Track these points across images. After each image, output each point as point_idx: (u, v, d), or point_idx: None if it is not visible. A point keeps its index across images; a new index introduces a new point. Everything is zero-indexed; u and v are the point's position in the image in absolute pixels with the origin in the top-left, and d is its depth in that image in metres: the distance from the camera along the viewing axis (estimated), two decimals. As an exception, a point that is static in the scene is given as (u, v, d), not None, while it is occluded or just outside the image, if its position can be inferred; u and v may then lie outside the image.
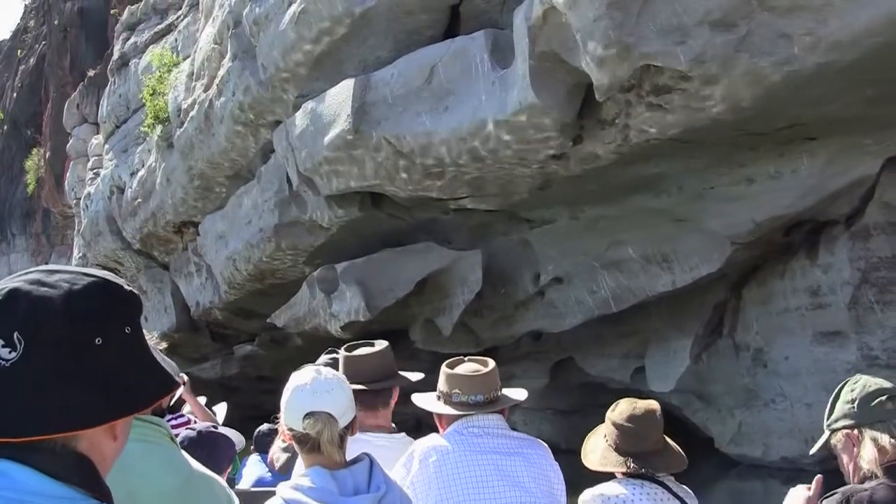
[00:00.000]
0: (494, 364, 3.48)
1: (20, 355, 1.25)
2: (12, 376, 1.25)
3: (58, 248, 34.94)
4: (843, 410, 2.85)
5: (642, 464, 3.27)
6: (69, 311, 1.29)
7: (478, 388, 3.37)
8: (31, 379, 1.25)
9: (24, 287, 1.28)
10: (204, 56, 12.48)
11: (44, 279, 1.31)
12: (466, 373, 3.44)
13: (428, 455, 3.33)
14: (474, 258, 10.03)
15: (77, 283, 1.31)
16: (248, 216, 12.07)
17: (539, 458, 3.41)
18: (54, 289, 1.30)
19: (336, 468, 2.63)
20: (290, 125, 9.95)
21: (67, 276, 1.33)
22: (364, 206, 10.19)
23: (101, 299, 1.33)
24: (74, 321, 1.29)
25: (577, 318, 10.01)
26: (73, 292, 1.30)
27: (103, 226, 18.32)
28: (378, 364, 3.84)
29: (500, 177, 8.56)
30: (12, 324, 1.27)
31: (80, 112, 23.09)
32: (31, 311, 1.27)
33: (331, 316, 10.81)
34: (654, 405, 3.39)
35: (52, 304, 1.28)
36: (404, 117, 8.44)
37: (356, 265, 10.35)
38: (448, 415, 3.44)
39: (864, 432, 2.79)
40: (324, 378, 2.72)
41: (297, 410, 2.67)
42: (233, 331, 17.31)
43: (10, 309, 1.27)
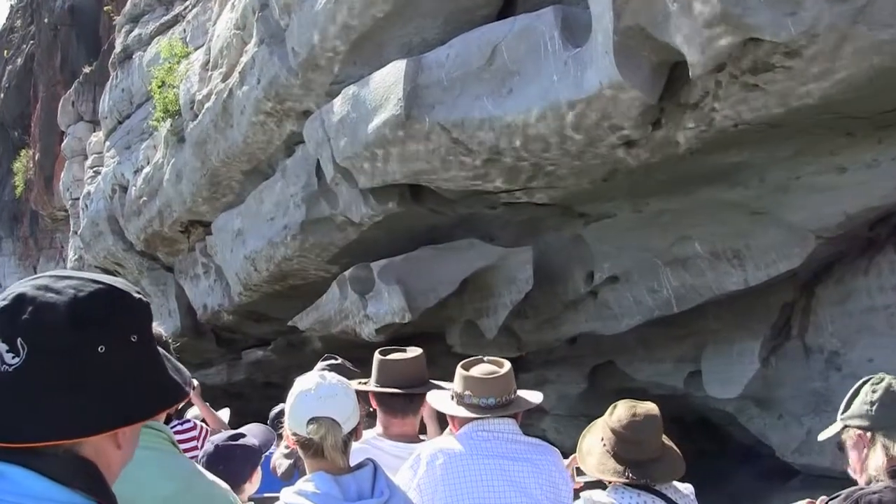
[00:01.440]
0: (510, 366, 3.49)
1: (23, 361, 1.28)
2: (15, 381, 1.27)
3: (46, 252, 34.08)
4: (861, 410, 2.80)
5: (640, 474, 3.21)
6: (72, 317, 1.30)
7: (490, 391, 3.38)
8: (33, 385, 1.27)
9: (30, 292, 1.32)
10: (223, 43, 11.76)
11: (51, 284, 1.34)
12: (480, 375, 3.44)
13: (435, 457, 3.33)
14: (524, 255, 9.35)
15: (83, 289, 1.34)
16: (271, 213, 11.36)
17: (548, 465, 3.40)
18: (60, 295, 1.32)
19: (340, 473, 2.64)
20: (327, 113, 9.25)
21: (75, 282, 1.35)
22: (404, 200, 9.50)
23: (106, 307, 1.34)
24: (77, 328, 1.30)
25: (635, 320, 9.35)
26: (77, 299, 1.32)
27: (104, 226, 17.55)
28: (412, 370, 3.90)
29: (563, 166, 7.89)
30: (16, 329, 1.29)
31: (76, 110, 22.33)
32: (35, 316, 1.29)
33: (365, 318, 10.11)
34: (655, 409, 3.34)
35: (55, 311, 1.30)
36: (461, 101, 7.75)
37: (395, 263, 9.65)
38: (460, 417, 3.45)
39: (876, 437, 2.76)
40: (328, 383, 2.74)
41: (301, 415, 2.69)
42: (241, 335, 16.59)
43: (16, 314, 1.30)
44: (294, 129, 10.77)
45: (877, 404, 2.80)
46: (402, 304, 9.36)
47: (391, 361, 3.95)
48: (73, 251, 21.49)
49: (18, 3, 40.50)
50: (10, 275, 35.75)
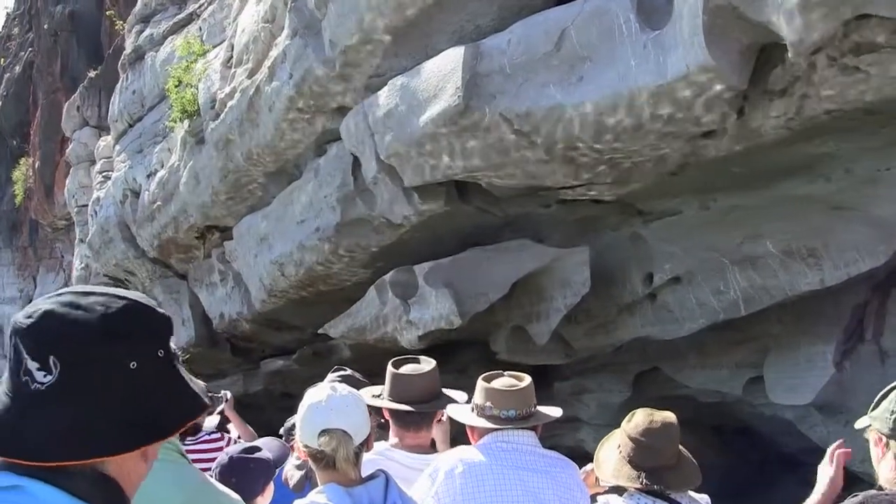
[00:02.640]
0: (530, 380, 3.55)
1: (56, 378, 1.29)
2: (47, 399, 1.29)
3: (45, 262, 33.45)
4: (883, 415, 2.80)
5: (655, 480, 3.27)
6: (105, 334, 1.33)
7: (511, 403, 3.42)
8: (65, 402, 1.29)
9: (58, 309, 1.34)
10: (248, 38, 11.21)
11: (78, 301, 1.36)
12: (501, 387, 3.49)
13: (454, 468, 3.35)
14: (581, 256, 8.80)
15: (111, 305, 1.36)
16: (302, 215, 10.80)
17: (567, 479, 3.42)
18: (89, 312, 1.34)
19: (351, 485, 2.67)
20: (371, 106, 8.70)
21: (101, 298, 1.38)
22: (450, 199, 8.96)
23: (136, 322, 1.38)
24: (110, 345, 1.33)
25: (697, 324, 8.81)
26: (108, 315, 1.34)
27: (114, 233, 16.95)
28: (426, 384, 3.89)
29: (632, 158, 7.35)
30: (47, 346, 1.31)
31: (81, 115, 21.75)
32: (67, 333, 1.31)
33: (407, 324, 9.55)
34: (672, 417, 3.41)
35: (87, 328, 1.32)
36: (526, 90, 7.21)
37: (442, 266, 9.10)
38: (480, 428, 3.49)
39: (891, 445, 2.77)
40: (339, 395, 2.77)
41: (312, 427, 2.71)
42: (258, 345, 16.03)
43: (45, 331, 1.32)
44: (328, 127, 10.22)
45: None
46: (451, 308, 8.81)
47: (405, 376, 3.92)
48: (80, 260, 20.88)
49: (16, 11, 39.94)
50: (8, 285, 35.11)
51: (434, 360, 4.13)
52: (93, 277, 20.64)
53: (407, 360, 4.11)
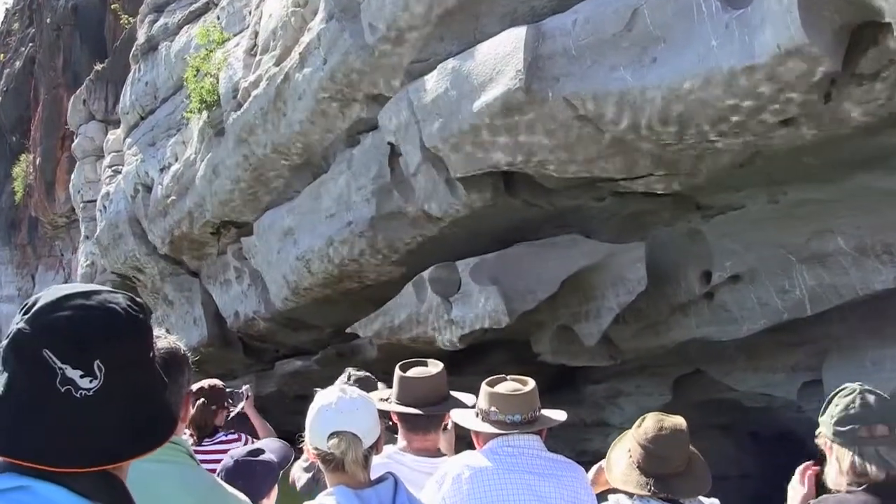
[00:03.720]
0: (534, 384, 3.52)
1: (102, 383, 1.29)
2: (94, 404, 1.28)
3: (45, 260, 32.89)
4: (827, 420, 2.93)
5: (663, 488, 3.26)
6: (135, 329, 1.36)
7: (516, 408, 3.41)
8: (112, 404, 1.30)
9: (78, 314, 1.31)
10: (276, 23, 10.72)
11: (88, 303, 1.34)
12: (505, 391, 3.48)
13: (461, 473, 3.34)
14: (636, 253, 8.33)
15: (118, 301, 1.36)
16: (332, 208, 10.31)
17: (573, 481, 3.41)
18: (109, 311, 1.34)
19: (361, 487, 2.70)
20: (416, 92, 8.21)
21: (105, 295, 1.37)
22: (497, 192, 8.48)
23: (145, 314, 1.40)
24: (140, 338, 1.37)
25: (758, 324, 8.35)
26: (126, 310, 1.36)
27: (125, 228, 16.43)
28: (433, 387, 3.85)
29: (703, 147, 6.87)
30: (90, 352, 1.29)
31: (87, 108, 21.22)
32: (104, 336, 1.30)
33: (448, 323, 9.07)
34: (681, 423, 3.36)
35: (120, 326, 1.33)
36: (594, 73, 6.73)
37: (488, 262, 8.62)
38: (485, 433, 3.48)
39: (834, 449, 2.90)
40: (349, 398, 2.78)
41: (321, 430, 2.74)
42: (272, 345, 15.53)
43: (83, 338, 1.29)
44: (362, 116, 9.75)
45: (835, 419, 2.90)
46: (499, 306, 8.33)
47: (412, 379, 3.89)
48: (85, 257, 20.36)
49: (16, 6, 39.37)
50: (6, 283, 34.55)
51: (441, 363, 4.07)
52: (98, 275, 20.13)
53: (415, 364, 4.05)
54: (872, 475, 2.81)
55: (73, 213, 28.86)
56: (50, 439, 1.28)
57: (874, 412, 2.87)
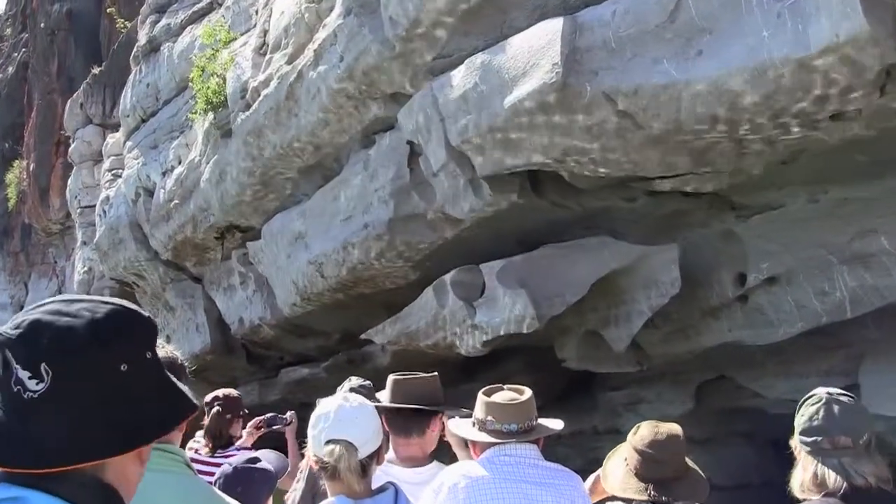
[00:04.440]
0: (531, 393, 3.56)
1: (48, 386, 1.31)
2: (40, 407, 1.31)
3: (38, 268, 32.48)
4: (796, 425, 3.01)
5: (663, 491, 3.26)
6: (94, 339, 1.34)
7: (512, 417, 3.43)
8: (60, 409, 1.31)
9: (45, 318, 1.36)
10: (288, 20, 10.41)
11: (64, 309, 1.38)
12: (502, 401, 3.50)
13: (457, 482, 3.36)
14: (669, 254, 8.04)
15: (98, 310, 1.38)
16: (347, 211, 9.99)
17: (570, 490, 3.43)
18: (77, 318, 1.36)
19: (358, 497, 2.74)
20: (441, 88, 7.91)
21: (87, 304, 1.40)
22: (524, 191, 8.17)
23: (125, 325, 1.40)
24: (100, 349, 1.35)
25: (795, 328, 8.05)
26: (96, 320, 1.36)
27: (125, 233, 16.07)
28: (425, 389, 3.90)
29: (747, 144, 6.57)
30: (38, 355, 1.32)
31: (84, 112, 20.86)
32: (57, 341, 1.33)
33: (472, 328, 8.76)
34: (677, 429, 3.40)
35: (77, 333, 1.34)
36: (635, 66, 6.44)
37: (515, 264, 8.32)
38: (482, 442, 3.50)
39: (801, 455, 2.98)
40: (349, 406, 2.85)
41: (320, 437, 2.80)
42: (276, 352, 15.18)
43: (34, 340, 1.33)
44: (379, 115, 9.44)
45: (799, 429, 2.96)
46: (528, 310, 8.02)
47: (404, 380, 3.93)
48: (82, 263, 19.99)
49: (8, 12, 39.00)
50: (-1, 291, 34.12)
51: (436, 373, 4.07)
52: (96, 281, 19.77)
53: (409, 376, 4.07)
54: (832, 485, 2.83)
55: (67, 219, 28.49)
56: (10, 441, 1.30)
57: (837, 423, 2.87)
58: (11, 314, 32.81)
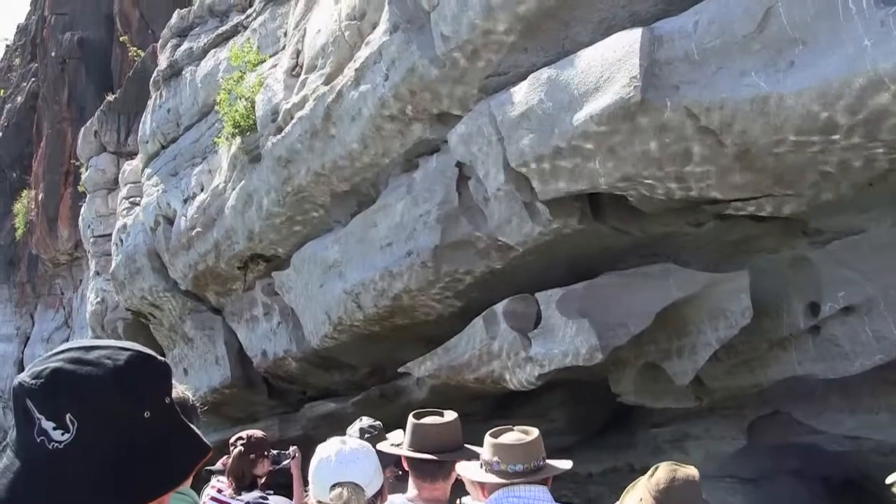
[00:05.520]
0: (538, 433, 3.63)
1: (73, 436, 1.30)
2: (66, 458, 1.30)
3: (44, 299, 31.99)
4: None
5: None
6: (119, 388, 1.34)
7: (518, 458, 3.49)
8: (86, 460, 1.30)
9: (66, 367, 1.34)
10: (326, 39, 10.00)
11: (84, 357, 1.36)
12: (508, 442, 3.57)
13: None
14: (739, 282, 7.58)
15: (118, 358, 1.38)
16: (388, 237, 9.54)
17: None
18: (98, 367, 1.35)
19: None
20: (500, 106, 7.48)
21: (106, 351, 1.39)
22: (584, 216, 7.72)
23: (146, 373, 1.40)
24: (125, 397, 1.35)
25: (873, 360, 7.58)
26: (118, 369, 1.36)
27: (143, 263, 15.60)
28: (446, 435, 3.89)
29: (836, 163, 6.13)
30: (62, 405, 1.31)
31: (99, 140, 20.47)
32: (81, 391, 1.32)
33: (525, 361, 8.28)
34: (695, 474, 3.32)
35: (101, 383, 1.33)
36: (720, 79, 6.01)
37: (576, 293, 7.85)
38: (489, 483, 3.55)
39: None
40: (349, 448, 2.95)
41: (323, 482, 2.86)
42: (299, 386, 14.65)
43: (57, 391, 1.32)
44: (424, 136, 9.02)
45: None
46: (591, 341, 7.55)
47: (425, 426, 3.92)
48: (95, 294, 19.48)
49: (17, 42, 38.77)
50: (4, 323, 33.62)
51: (456, 413, 4.05)
52: (109, 312, 19.28)
53: (429, 413, 4.06)
54: None
55: (76, 250, 28.08)
56: (29, 491, 1.29)
57: None
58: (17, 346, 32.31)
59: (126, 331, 18.36)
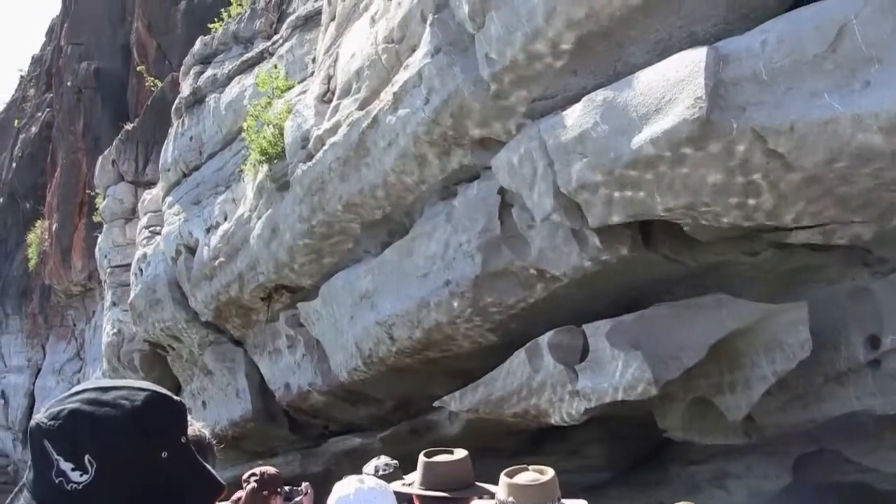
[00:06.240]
0: (553, 473, 3.59)
1: (92, 478, 1.30)
2: (85, 499, 1.30)
3: (56, 330, 31.73)
4: None
5: None
6: (137, 429, 1.35)
7: (533, 498, 3.43)
8: (105, 500, 1.31)
9: (84, 408, 1.35)
10: (362, 63, 9.77)
11: (101, 398, 1.37)
12: (523, 482, 3.53)
13: None
14: (797, 314, 7.27)
15: (136, 398, 1.38)
16: (425, 267, 9.25)
17: None
18: (116, 407, 1.36)
19: None
20: (551, 129, 7.22)
21: (124, 392, 1.39)
22: (636, 244, 7.44)
23: (163, 413, 1.41)
24: (143, 438, 1.35)
25: (937, 396, 7.23)
26: (136, 410, 1.36)
27: (163, 293, 15.32)
28: (457, 472, 3.94)
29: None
30: (81, 447, 1.32)
31: (117, 169, 20.28)
32: (100, 432, 1.32)
33: (572, 395, 7.96)
34: None
35: (119, 424, 1.34)
36: (791, 100, 5.75)
37: (626, 324, 7.55)
38: None
39: None
40: (367, 488, 2.98)
41: None
42: (322, 420, 14.32)
43: (76, 432, 1.33)
44: (464, 163, 8.76)
45: None
46: (644, 374, 7.23)
47: (435, 463, 3.92)
48: (111, 325, 19.19)
49: (32, 72, 38.79)
50: (15, 354, 33.34)
51: (466, 451, 4.03)
52: (126, 344, 18.99)
53: (439, 452, 4.05)
54: None
55: (89, 280, 27.84)
56: None
57: None
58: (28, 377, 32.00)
59: (142, 362, 18.08)
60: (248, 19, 15.11)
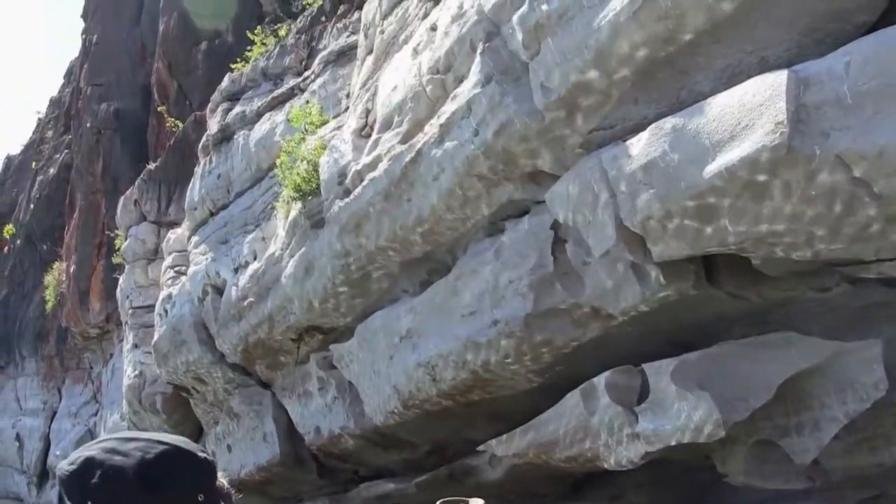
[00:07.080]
0: None
1: None
2: None
3: (73, 373, 31.38)
4: None
5: None
6: (141, 480, 1.33)
7: None
8: None
9: (98, 455, 1.37)
10: (404, 95, 9.53)
11: (119, 447, 1.38)
12: None
13: None
14: (871, 351, 6.92)
15: (150, 451, 1.37)
16: (472, 306, 8.94)
17: None
18: (127, 458, 1.36)
19: None
20: (613, 160, 6.93)
21: (142, 444, 1.39)
22: (699, 280, 7.12)
23: (173, 468, 1.38)
24: (146, 492, 1.33)
25: None
26: (145, 462, 1.36)
27: (189, 334, 15.01)
28: None
29: None
30: (87, 494, 1.32)
31: (139, 209, 20.07)
32: (105, 481, 1.33)
33: (631, 438, 7.60)
34: None
35: (124, 475, 1.33)
36: (878, 125, 5.45)
37: (690, 363, 7.21)
38: None
39: None
40: None
41: None
42: (353, 465, 13.94)
43: (85, 479, 1.34)
44: (514, 197, 8.48)
45: None
46: (711, 416, 6.87)
47: None
48: (133, 367, 18.87)
49: (49, 115, 38.84)
50: (31, 396, 32.99)
51: (482, 500, 4.09)
52: (147, 386, 18.65)
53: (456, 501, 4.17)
54: None
55: (107, 323, 27.55)
56: None
57: None
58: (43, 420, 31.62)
59: (165, 405, 17.75)
60: (277, 55, 14.95)
